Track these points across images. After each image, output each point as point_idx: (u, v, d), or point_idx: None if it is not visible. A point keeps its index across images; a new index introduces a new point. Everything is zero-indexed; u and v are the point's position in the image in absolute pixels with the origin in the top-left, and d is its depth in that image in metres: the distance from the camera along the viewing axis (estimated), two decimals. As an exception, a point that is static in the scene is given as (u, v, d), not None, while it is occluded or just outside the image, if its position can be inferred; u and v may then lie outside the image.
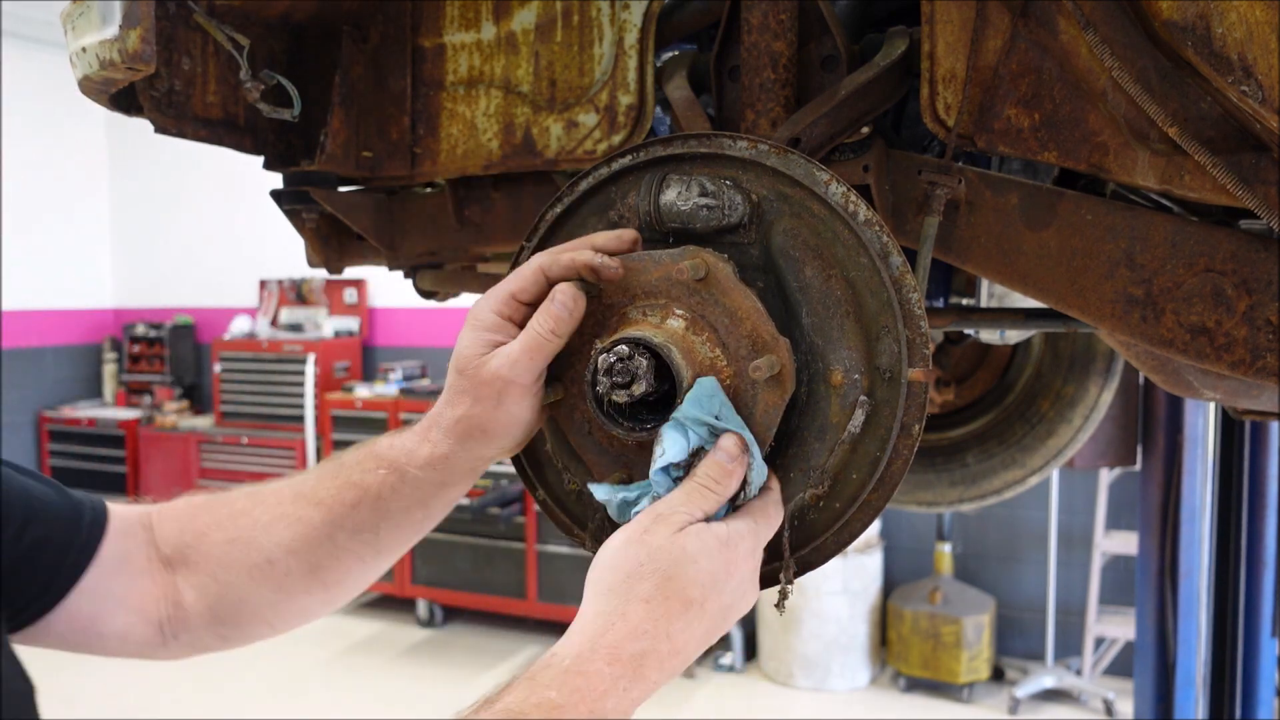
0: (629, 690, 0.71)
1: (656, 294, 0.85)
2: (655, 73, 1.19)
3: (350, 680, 5.82)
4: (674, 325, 0.84)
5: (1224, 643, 3.01)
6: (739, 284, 0.84)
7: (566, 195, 0.93)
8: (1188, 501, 3.01)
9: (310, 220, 1.49)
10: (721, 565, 0.78)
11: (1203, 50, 0.79)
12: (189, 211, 8.44)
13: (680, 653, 0.76)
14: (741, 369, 0.82)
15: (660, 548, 0.77)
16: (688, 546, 0.77)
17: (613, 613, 0.75)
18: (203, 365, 8.40)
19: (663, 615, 0.75)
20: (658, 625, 0.74)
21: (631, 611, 0.74)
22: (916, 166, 1.03)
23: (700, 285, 0.84)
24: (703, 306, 0.84)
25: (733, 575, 0.79)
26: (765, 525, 0.83)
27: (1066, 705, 5.40)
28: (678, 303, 0.85)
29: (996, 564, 5.97)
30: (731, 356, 0.82)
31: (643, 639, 0.73)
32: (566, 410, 0.90)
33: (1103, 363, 2.38)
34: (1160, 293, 0.93)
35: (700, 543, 0.78)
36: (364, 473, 0.94)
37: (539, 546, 6.14)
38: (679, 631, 0.75)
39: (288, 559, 0.97)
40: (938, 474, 2.55)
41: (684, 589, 0.76)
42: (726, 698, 5.58)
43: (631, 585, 0.76)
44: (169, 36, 1.16)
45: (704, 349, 0.83)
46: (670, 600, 0.75)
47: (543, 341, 0.86)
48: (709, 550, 0.78)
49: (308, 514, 0.96)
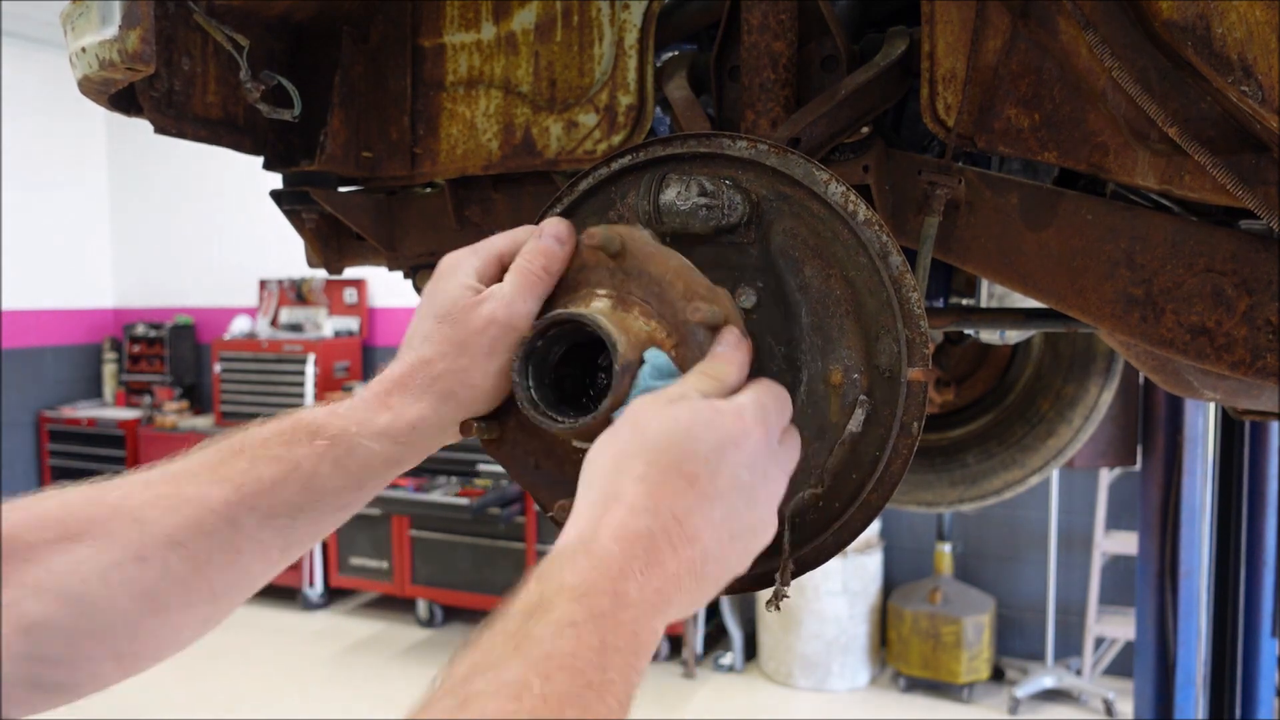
0: (646, 575, 0.61)
1: (575, 286, 0.83)
2: (655, 73, 1.19)
3: (350, 680, 5.82)
4: (599, 306, 0.80)
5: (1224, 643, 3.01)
6: (659, 247, 0.81)
7: (566, 195, 0.92)
8: (1188, 501, 3.01)
9: (310, 220, 1.49)
10: (726, 432, 0.68)
11: (1203, 50, 0.79)
12: (189, 211, 8.44)
13: (696, 540, 0.64)
14: (685, 334, 0.79)
15: (647, 422, 0.67)
16: (678, 414, 0.67)
17: (605, 496, 0.65)
18: (203, 365, 8.40)
19: (664, 493, 0.64)
20: (658, 502, 0.64)
21: (625, 490, 0.64)
22: (916, 166, 1.03)
23: (618, 261, 0.82)
24: (627, 283, 0.81)
25: (742, 446, 0.68)
26: (771, 398, 0.73)
27: (1066, 705, 5.40)
28: (600, 285, 0.82)
29: (996, 564, 5.97)
30: (671, 325, 0.79)
31: (644, 515, 0.63)
32: (507, 450, 0.86)
33: (1103, 363, 2.38)
34: (1160, 293, 0.93)
35: (692, 411, 0.68)
36: (290, 446, 0.78)
37: (539, 546, 6.14)
38: (688, 513, 0.64)
39: (166, 553, 0.72)
40: (938, 474, 2.55)
41: (682, 462, 0.65)
42: (726, 698, 5.58)
43: (620, 466, 0.66)
44: (169, 36, 1.16)
45: (638, 324, 0.80)
46: (668, 475, 0.65)
47: (536, 280, 0.79)
48: (706, 419, 0.67)
49: (201, 492, 0.74)
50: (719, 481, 0.67)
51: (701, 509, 0.65)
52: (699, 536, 0.65)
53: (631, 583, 0.60)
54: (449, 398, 0.80)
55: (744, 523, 0.69)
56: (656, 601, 0.61)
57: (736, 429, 0.69)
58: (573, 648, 0.54)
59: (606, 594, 0.58)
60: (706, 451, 0.67)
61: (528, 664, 0.53)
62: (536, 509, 5.52)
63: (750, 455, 0.69)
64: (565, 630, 0.55)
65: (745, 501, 0.69)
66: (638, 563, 0.61)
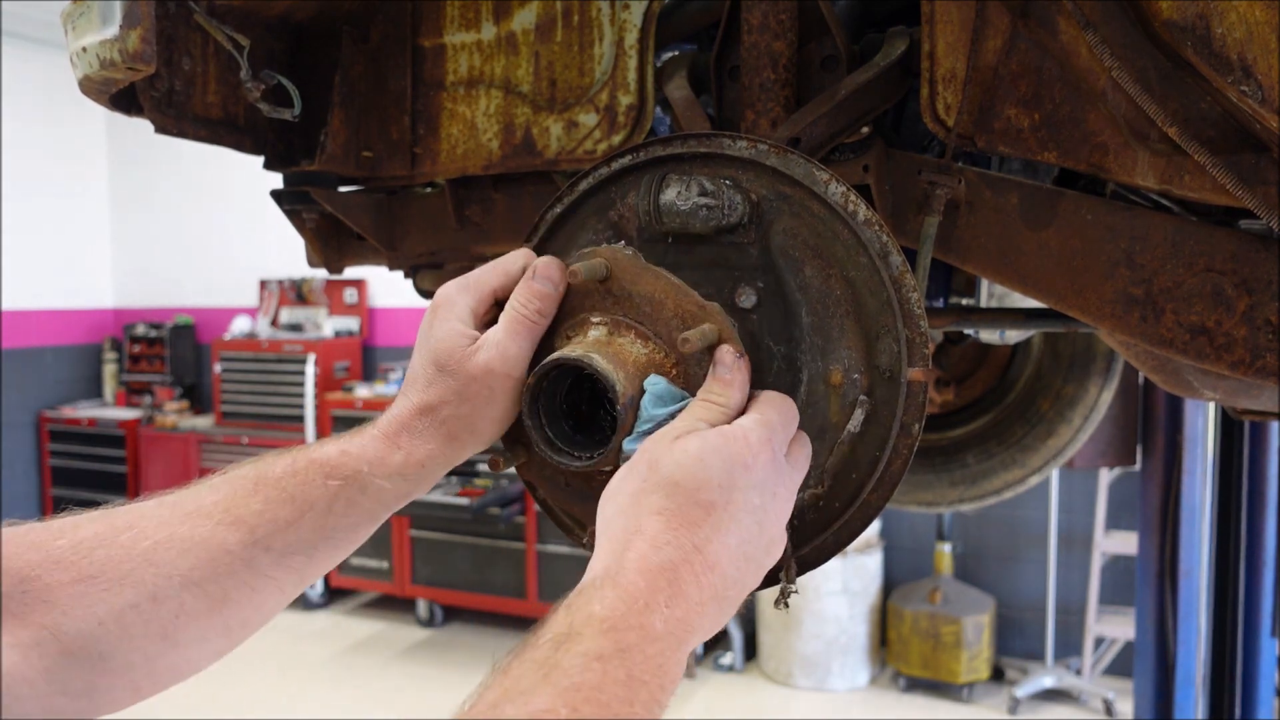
0: (671, 607, 0.63)
1: (573, 311, 0.84)
2: (655, 73, 1.19)
3: (350, 680, 5.82)
4: (594, 336, 0.82)
5: (1224, 643, 3.01)
6: (646, 267, 0.82)
7: (566, 195, 0.92)
8: (1188, 501, 3.01)
9: (310, 220, 1.49)
10: (735, 459, 0.70)
11: (1202, 50, 0.79)
12: (189, 211, 8.44)
13: (715, 567, 0.67)
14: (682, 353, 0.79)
15: (659, 457, 0.70)
16: (689, 448, 0.70)
17: (627, 531, 0.67)
18: (203, 365, 8.39)
19: (681, 524, 0.67)
20: (678, 535, 0.66)
21: (646, 525, 0.67)
22: (916, 166, 1.03)
23: (606, 286, 0.83)
24: (618, 306, 0.82)
25: (752, 468, 0.70)
26: (776, 414, 0.75)
27: (1066, 705, 5.40)
28: (593, 312, 0.83)
29: (996, 564, 5.97)
30: (668, 345, 0.80)
31: (665, 548, 0.65)
32: (536, 470, 0.88)
33: (1103, 363, 2.38)
34: (1160, 292, 0.93)
35: (703, 441, 0.70)
36: (304, 486, 0.80)
37: (539, 546, 6.14)
38: (706, 541, 0.67)
39: (182, 594, 0.75)
40: (938, 474, 2.55)
41: (696, 492, 0.68)
42: (726, 697, 5.58)
43: (639, 501, 0.69)
44: (169, 36, 1.16)
45: (635, 348, 0.81)
46: (685, 507, 0.68)
47: (530, 325, 0.81)
48: (714, 446, 0.70)
49: (216, 535, 0.76)
50: (732, 508, 0.69)
51: (719, 536, 0.68)
52: (718, 563, 0.67)
53: (657, 615, 0.62)
54: (455, 439, 0.83)
55: (758, 544, 0.71)
56: (680, 632, 0.63)
57: (745, 454, 0.71)
58: (599, 680, 0.57)
59: (634, 628, 0.60)
60: (719, 479, 0.69)
61: (556, 693, 0.55)
62: (536, 509, 5.54)
63: (760, 477, 0.71)
64: (593, 664, 0.57)
65: (758, 523, 0.71)
66: (662, 595, 0.63)
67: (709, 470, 0.69)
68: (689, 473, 0.69)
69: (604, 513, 0.71)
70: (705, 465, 0.69)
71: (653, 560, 0.65)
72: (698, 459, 0.69)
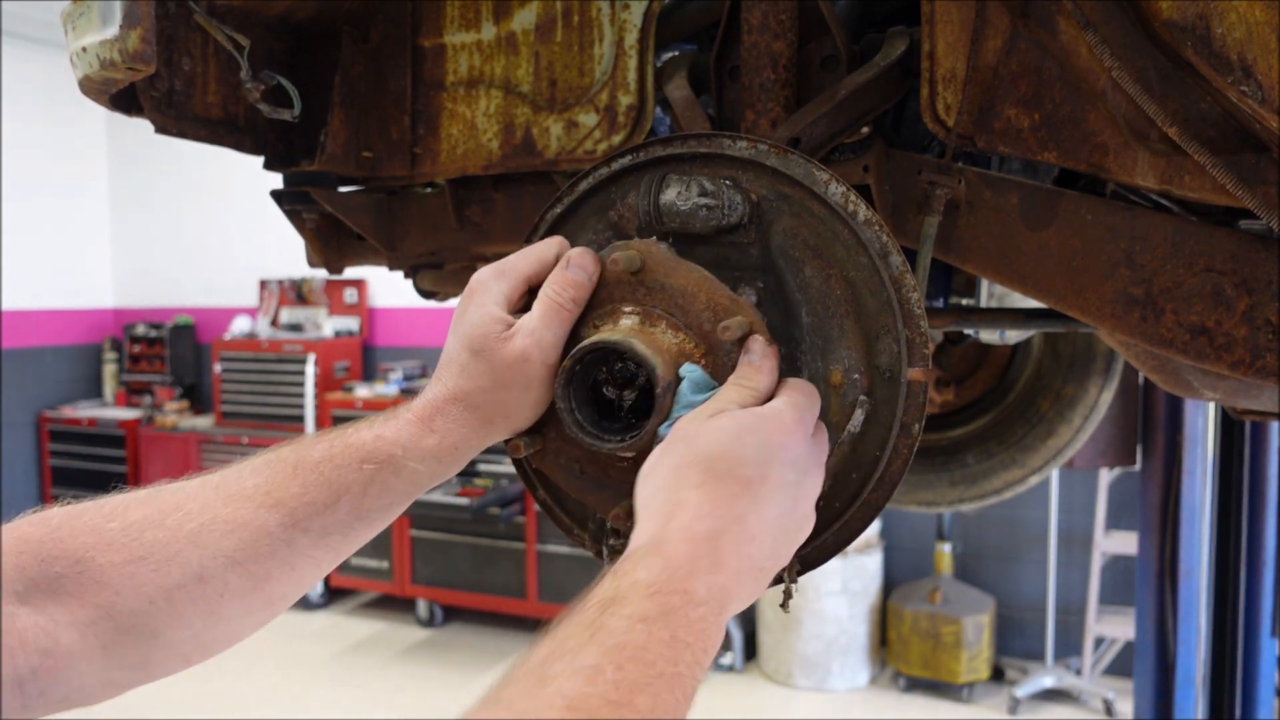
0: (713, 574, 0.65)
1: (601, 302, 0.85)
2: (655, 73, 1.19)
3: (350, 680, 5.82)
4: (627, 324, 0.83)
5: (1224, 643, 3.01)
6: (679, 261, 0.83)
7: (566, 195, 0.93)
8: (1188, 501, 3.01)
9: (310, 220, 1.49)
10: (770, 436, 0.72)
11: (1202, 50, 0.79)
12: (189, 211, 8.44)
13: (755, 539, 0.69)
14: (714, 343, 0.81)
15: (697, 435, 0.72)
16: (724, 425, 0.72)
17: (669, 504, 0.69)
18: (203, 365, 8.40)
19: (722, 496, 0.69)
20: (719, 506, 0.69)
21: (687, 498, 0.69)
22: (916, 166, 1.03)
23: (638, 277, 0.83)
24: (650, 297, 0.83)
25: (786, 446, 0.73)
26: (803, 398, 0.77)
27: (1066, 705, 5.40)
28: (624, 302, 0.84)
29: (996, 564, 5.97)
30: (698, 336, 0.81)
31: (707, 519, 0.68)
32: (552, 459, 0.88)
33: (1103, 363, 2.38)
34: (1160, 293, 0.93)
35: (736, 420, 0.73)
36: (340, 470, 0.82)
37: (539, 546, 6.14)
38: (745, 514, 0.69)
39: (226, 574, 0.79)
40: (938, 474, 2.55)
41: (735, 468, 0.70)
42: (726, 697, 5.58)
43: (679, 476, 0.71)
44: (169, 36, 1.16)
45: (667, 337, 0.82)
46: (724, 481, 0.70)
47: (565, 312, 0.82)
48: (748, 425, 0.72)
49: (258, 518, 0.80)
50: (770, 482, 0.71)
51: (757, 509, 0.70)
52: (757, 535, 0.70)
53: (700, 581, 0.64)
54: (489, 422, 0.84)
55: (793, 519, 0.74)
56: (721, 599, 0.66)
57: (779, 433, 0.73)
58: (644, 640, 0.59)
59: (677, 593, 0.63)
60: (756, 456, 0.71)
61: (602, 652, 0.58)
62: (536, 509, 5.54)
63: (794, 455, 0.74)
64: (637, 625, 0.60)
65: (792, 499, 0.74)
66: (705, 562, 0.66)
67: (746, 447, 0.71)
68: (727, 449, 0.71)
69: (643, 489, 0.73)
70: (743, 442, 0.72)
71: (695, 530, 0.67)
72: (735, 436, 0.72)
